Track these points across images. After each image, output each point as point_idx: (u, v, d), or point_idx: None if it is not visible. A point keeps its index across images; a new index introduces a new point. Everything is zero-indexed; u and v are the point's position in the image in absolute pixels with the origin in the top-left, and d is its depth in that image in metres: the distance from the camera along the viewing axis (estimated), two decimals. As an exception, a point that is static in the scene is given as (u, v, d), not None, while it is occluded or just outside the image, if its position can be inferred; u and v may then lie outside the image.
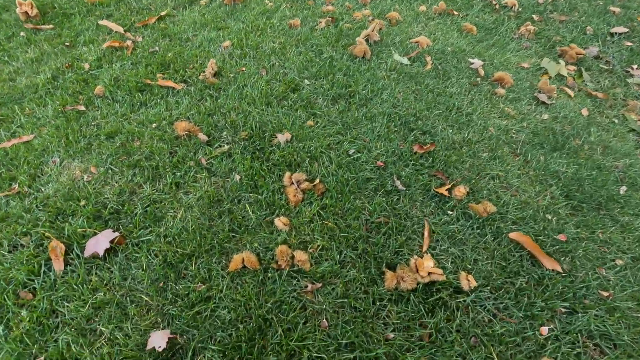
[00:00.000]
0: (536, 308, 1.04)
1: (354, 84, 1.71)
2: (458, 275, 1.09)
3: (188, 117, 1.55)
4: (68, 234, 1.16)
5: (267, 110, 1.58)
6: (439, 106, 1.64)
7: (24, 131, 1.52)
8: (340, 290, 1.05)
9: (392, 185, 1.32)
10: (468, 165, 1.41)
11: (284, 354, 0.93)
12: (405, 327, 1.00)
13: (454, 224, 1.22)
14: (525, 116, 1.66)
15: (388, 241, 1.17)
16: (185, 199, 1.27)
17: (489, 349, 0.97)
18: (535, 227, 1.23)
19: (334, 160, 1.39)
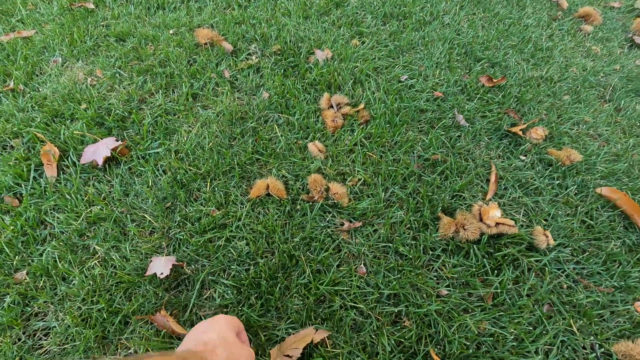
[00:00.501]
0: (632, 279, 0.82)
1: (410, 3, 1.42)
2: (532, 230, 0.87)
3: (212, 24, 1.31)
4: (64, 139, 0.98)
5: (305, 24, 1.33)
6: (512, 37, 1.35)
7: (24, 26, 1.32)
8: (384, 233, 0.85)
9: (453, 120, 1.08)
10: (546, 105, 1.14)
11: (311, 298, 0.75)
12: (464, 284, 0.80)
13: (528, 170, 0.99)
14: (616, 58, 1.35)
15: (445, 182, 0.95)
16: (202, 113, 1.06)
17: (568, 320, 0.76)
18: (630, 184, 0.99)
19: (382, 86, 1.15)
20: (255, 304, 0.74)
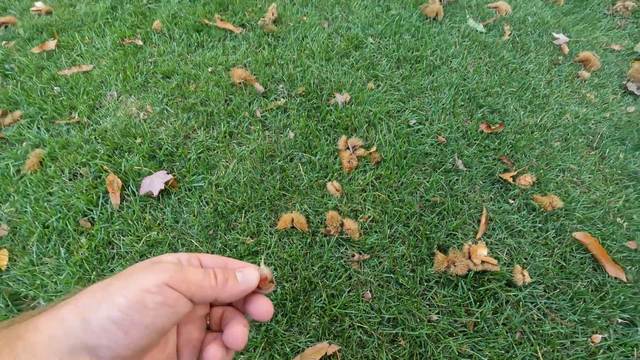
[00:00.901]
0: (592, 314, 0.98)
1: (422, 47, 1.58)
2: (512, 268, 1.04)
3: (245, 64, 1.49)
4: (124, 170, 1.18)
5: (327, 66, 1.50)
6: (513, 83, 1.50)
7: (84, 60, 1.52)
8: (387, 265, 1.03)
9: (453, 164, 1.24)
10: (537, 152, 1.30)
11: (326, 318, 0.94)
12: (451, 312, 0.98)
13: (515, 213, 1.15)
14: (608, 106, 1.49)
15: (442, 222, 1.12)
16: (238, 149, 1.25)
17: (535, 347, 0.93)
18: (603, 229, 1.14)
19: (392, 129, 1.31)
20: (281, 321, 0.94)
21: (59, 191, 1.14)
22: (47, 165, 1.20)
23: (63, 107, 1.35)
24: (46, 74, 1.46)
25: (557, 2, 1.96)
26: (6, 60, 1.52)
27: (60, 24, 1.67)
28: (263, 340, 0.91)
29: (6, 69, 1.49)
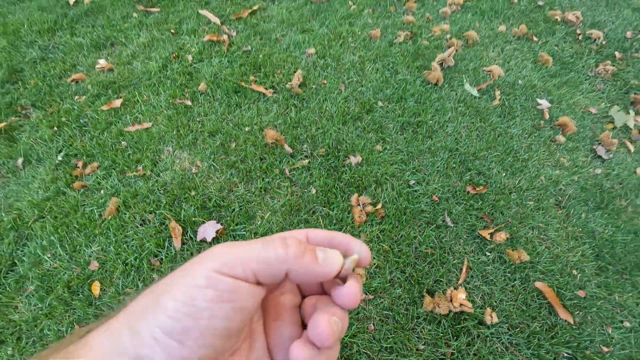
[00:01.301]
0: (543, 349, 1.28)
1: (423, 113, 1.88)
2: (484, 310, 1.34)
3: (275, 125, 1.81)
4: (183, 218, 1.51)
5: (343, 129, 1.81)
6: (498, 147, 1.80)
7: (144, 118, 1.86)
8: (387, 304, 1.35)
9: (443, 221, 1.55)
10: (513, 212, 1.60)
11: (340, 345, 1.25)
12: (434, 344, 1.29)
13: (490, 265, 1.45)
14: (578, 169, 1.78)
15: (431, 270, 1.43)
16: (271, 203, 1.57)
17: (497, 373, 1.24)
18: (560, 279, 1.44)
19: (395, 188, 1.62)
20: (306, 346, 1.25)
21: (134, 234, 1.47)
22: (122, 212, 1.54)
23: (130, 161, 1.69)
24: (114, 130, 1.79)
25: (546, 64, 2.25)
26: (80, 115, 1.86)
27: (122, 81, 2.01)
28: None
29: (82, 124, 1.83)
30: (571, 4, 2.64)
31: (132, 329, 0.23)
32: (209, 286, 0.23)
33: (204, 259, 0.25)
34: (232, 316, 0.24)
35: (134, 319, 0.24)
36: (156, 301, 0.24)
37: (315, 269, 0.26)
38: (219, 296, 0.23)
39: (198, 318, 0.23)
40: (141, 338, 0.23)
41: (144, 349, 0.22)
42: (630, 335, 1.35)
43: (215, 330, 0.23)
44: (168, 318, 0.23)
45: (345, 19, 2.39)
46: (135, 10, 2.38)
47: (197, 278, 0.23)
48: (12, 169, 1.68)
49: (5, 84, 2.01)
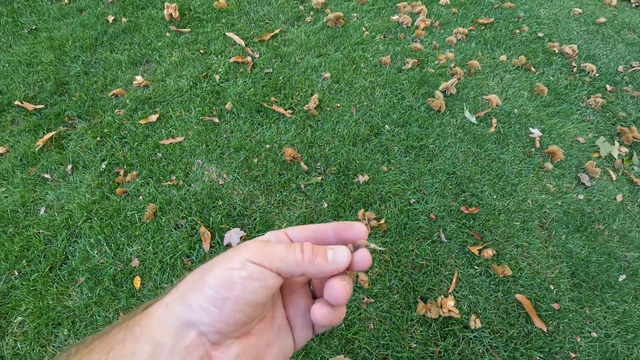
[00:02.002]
0: (518, 352, 1.49)
1: (426, 137, 2.10)
2: (469, 316, 1.55)
3: (293, 144, 2.04)
4: (212, 225, 1.74)
5: (353, 149, 2.03)
6: (491, 172, 2.01)
7: (176, 132, 2.09)
8: (385, 307, 1.56)
9: (438, 237, 1.76)
10: (501, 231, 1.81)
11: (343, 340, 1.48)
12: (424, 343, 1.50)
13: (477, 277, 1.67)
14: (562, 195, 1.98)
15: (425, 279, 1.65)
16: (287, 214, 1.79)
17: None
18: (538, 293, 1.65)
19: (397, 205, 1.84)
20: (315, 339, 1.48)
21: (169, 237, 1.71)
22: (159, 217, 1.77)
23: (165, 171, 1.92)
24: (151, 142, 2.03)
25: (541, 94, 2.45)
26: (120, 128, 2.10)
27: (156, 97, 2.25)
28: (302, 351, 1.45)
29: (122, 135, 2.07)
30: (569, 36, 2.84)
31: (183, 302, 0.30)
32: (243, 268, 0.30)
33: (239, 250, 0.31)
34: (258, 291, 0.30)
35: (184, 293, 0.30)
36: (201, 279, 0.30)
37: (326, 268, 0.33)
38: (249, 276, 0.30)
39: (233, 290, 0.29)
40: (190, 307, 0.29)
41: (193, 315, 0.29)
42: (596, 344, 1.55)
43: (246, 300, 0.30)
44: (210, 290, 0.29)
45: (358, 44, 2.61)
46: (168, 30, 2.62)
47: (234, 263, 0.30)
48: (62, 174, 1.92)
49: (53, 95, 2.26)
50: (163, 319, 0.30)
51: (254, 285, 0.30)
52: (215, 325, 0.29)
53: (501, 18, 2.92)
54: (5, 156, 1.98)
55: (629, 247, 1.85)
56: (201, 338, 0.30)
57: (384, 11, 2.88)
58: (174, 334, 0.29)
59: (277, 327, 0.35)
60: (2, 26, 2.60)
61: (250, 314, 0.31)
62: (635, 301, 1.67)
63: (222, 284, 0.29)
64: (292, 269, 0.32)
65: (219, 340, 0.30)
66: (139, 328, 0.30)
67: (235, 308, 0.29)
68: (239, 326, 0.31)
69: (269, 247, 0.32)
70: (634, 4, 3.14)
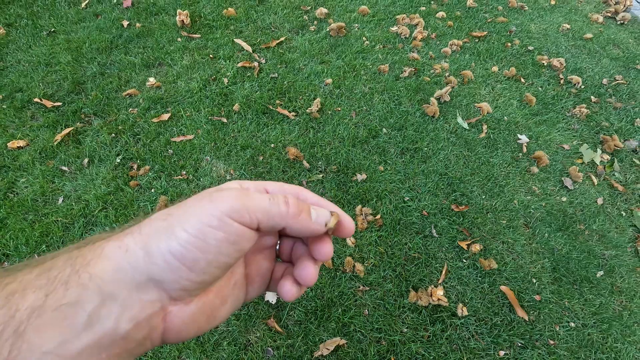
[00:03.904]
0: (501, 338, 1.62)
1: (420, 141, 2.24)
2: (457, 305, 1.68)
3: (296, 144, 2.18)
4: (219, 216, 1.86)
5: (352, 150, 2.17)
6: (481, 174, 2.15)
7: (187, 130, 2.23)
8: (380, 295, 1.69)
9: (429, 232, 1.89)
10: (488, 228, 1.94)
11: (340, 324, 1.60)
12: (415, 328, 1.62)
13: (465, 270, 1.79)
14: (547, 196, 2.12)
15: (417, 271, 1.77)
16: (290, 208, 1.92)
17: (463, 355, 1.57)
18: (521, 285, 1.77)
19: (392, 203, 1.97)
20: (313, 322, 1.60)
21: (179, 227, 1.83)
22: (170, 208, 1.89)
23: (176, 166, 2.05)
24: (163, 139, 2.16)
25: (529, 104, 2.60)
26: (134, 125, 2.24)
27: (168, 98, 2.39)
28: (302, 333, 1.57)
29: (135, 132, 2.21)
30: (557, 50, 3.01)
31: (146, 249, 0.27)
32: (220, 228, 0.27)
33: (216, 200, 0.28)
34: (232, 254, 0.29)
35: (148, 240, 0.27)
36: (170, 228, 0.27)
37: (309, 226, 0.31)
38: (227, 239, 0.27)
39: (206, 252, 0.27)
40: (154, 259, 0.26)
41: (156, 269, 0.26)
42: (573, 333, 1.68)
43: (218, 264, 0.28)
44: (180, 246, 0.26)
45: (359, 53, 2.77)
46: (180, 35, 2.77)
47: (210, 218, 0.27)
48: (79, 166, 2.05)
49: (71, 94, 2.39)
50: (120, 267, 0.26)
51: (230, 248, 0.28)
52: (180, 283, 0.27)
53: (494, 32, 3.09)
54: (26, 149, 2.10)
55: (607, 246, 1.99)
56: (161, 294, 0.28)
57: (383, 22, 3.05)
58: (130, 287, 0.26)
59: (233, 283, 0.34)
60: (22, 28, 2.74)
61: (218, 275, 0.30)
62: (611, 295, 1.81)
63: (195, 242, 0.27)
64: (274, 222, 0.30)
65: (181, 296, 0.29)
66: (87, 275, 0.26)
67: (205, 270, 0.28)
68: (206, 285, 0.29)
69: (250, 197, 0.29)
70: (619, 21, 3.33)
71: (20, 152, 2.08)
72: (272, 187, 0.35)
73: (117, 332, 0.26)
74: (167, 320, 0.29)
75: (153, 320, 0.28)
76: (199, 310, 0.30)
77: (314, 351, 1.53)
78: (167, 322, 0.29)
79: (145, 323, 0.27)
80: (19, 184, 1.96)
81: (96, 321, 0.25)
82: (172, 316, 0.29)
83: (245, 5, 3.03)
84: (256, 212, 0.29)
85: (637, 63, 2.97)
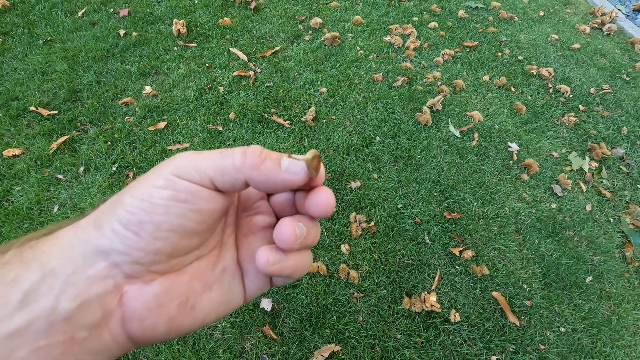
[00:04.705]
0: (493, 344, 1.64)
1: (413, 149, 2.28)
2: (450, 310, 1.70)
3: (291, 152, 2.21)
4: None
5: (347, 158, 2.20)
6: (472, 181, 2.19)
7: (183, 139, 2.25)
8: (374, 301, 1.71)
9: (422, 239, 1.93)
10: (480, 235, 1.98)
11: (335, 330, 1.61)
12: (408, 334, 1.64)
13: (457, 276, 1.82)
14: (537, 203, 2.17)
15: (410, 277, 1.80)
16: (285, 216, 1.94)
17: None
18: (512, 291, 1.81)
19: (386, 210, 2.01)
20: (308, 329, 1.61)
21: (175, 234, 1.84)
22: (165, 216, 1.91)
23: (172, 174, 2.07)
24: (159, 147, 2.18)
25: (519, 112, 2.66)
26: (130, 133, 2.26)
27: (164, 106, 2.41)
28: (297, 340, 1.59)
29: (131, 140, 2.22)
30: (546, 60, 3.08)
31: (96, 224, 0.25)
32: (166, 187, 0.25)
33: (164, 164, 0.26)
34: (188, 215, 0.25)
35: (99, 215, 0.26)
36: (118, 199, 0.26)
37: (277, 176, 0.26)
38: (175, 196, 0.25)
39: (153, 213, 0.24)
40: (103, 231, 0.24)
41: (104, 241, 0.24)
42: (563, 338, 1.71)
43: (171, 226, 0.25)
44: (125, 212, 0.24)
45: (353, 62, 2.82)
46: (176, 44, 2.81)
47: (156, 179, 0.25)
48: (75, 175, 2.06)
49: (67, 102, 2.40)
50: (68, 243, 0.25)
51: (182, 208, 0.25)
52: (130, 254, 0.24)
53: (485, 42, 3.16)
54: (21, 157, 2.11)
55: (595, 251, 2.03)
56: (112, 269, 0.25)
57: (377, 32, 3.10)
58: (76, 262, 0.24)
59: (221, 269, 0.30)
60: (18, 36, 2.76)
61: (179, 243, 0.26)
62: (600, 300, 1.84)
63: (140, 204, 0.24)
64: (229, 176, 0.26)
65: (137, 272, 0.25)
66: (31, 251, 0.24)
67: (156, 235, 0.25)
68: (164, 257, 0.26)
69: (199, 155, 0.26)
70: (605, 32, 3.42)
71: (15, 161, 2.08)
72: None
73: (56, 311, 0.22)
74: (125, 303, 0.25)
75: (106, 301, 0.24)
76: (165, 292, 0.26)
77: (309, 358, 1.54)
78: (125, 305, 0.25)
79: (95, 303, 0.24)
80: (14, 192, 1.96)
81: (33, 299, 0.22)
82: (129, 298, 0.25)
83: (240, 15, 3.08)
84: (206, 168, 0.26)
85: (623, 73, 3.06)
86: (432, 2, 3.48)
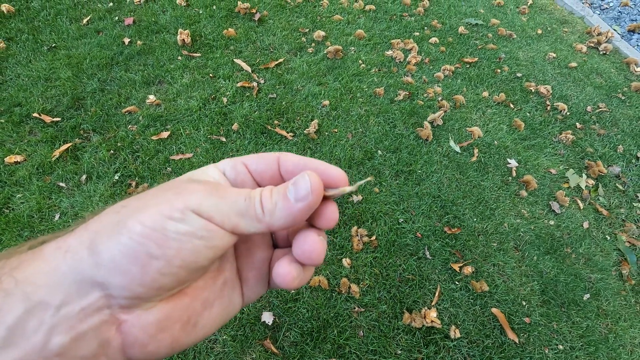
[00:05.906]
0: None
1: (414, 163, 2.31)
2: (450, 327, 1.71)
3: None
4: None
5: (348, 172, 2.22)
6: (472, 197, 2.22)
7: (186, 149, 2.26)
8: (374, 316, 1.72)
9: (423, 254, 1.94)
10: (479, 251, 2.00)
11: (335, 345, 1.62)
12: (409, 350, 1.65)
13: (457, 292, 1.84)
14: (535, 220, 2.20)
15: (411, 292, 1.81)
16: (287, 228, 1.95)
17: (456, 376, 1.60)
18: (512, 307, 1.82)
19: (387, 224, 2.02)
20: (309, 343, 1.61)
21: (176, 245, 1.84)
22: (167, 226, 1.91)
23: (174, 184, 2.07)
24: (161, 157, 2.19)
25: (518, 129, 2.71)
26: (133, 142, 2.26)
27: (168, 115, 2.42)
28: (297, 354, 1.59)
29: (134, 149, 2.23)
30: (544, 77, 3.14)
31: (92, 249, 0.22)
32: (184, 221, 0.22)
33: (181, 193, 0.24)
34: (202, 252, 0.23)
35: (95, 237, 0.22)
36: (122, 222, 0.22)
37: (293, 213, 0.25)
38: (192, 233, 0.22)
39: (165, 247, 0.22)
40: (100, 259, 0.21)
41: (102, 272, 0.21)
42: (562, 356, 1.73)
43: (182, 262, 0.23)
44: (131, 240, 0.21)
45: (355, 75, 2.86)
46: (180, 54, 2.83)
47: (173, 211, 0.22)
48: (77, 183, 2.06)
49: (70, 109, 2.41)
50: (56, 268, 0.22)
51: (197, 244, 0.23)
52: (131, 290, 0.22)
53: (484, 58, 3.22)
54: (23, 164, 2.10)
55: (593, 269, 2.06)
56: (107, 300, 0.22)
57: (379, 46, 3.15)
58: (67, 291, 0.21)
59: (221, 283, 0.28)
60: (22, 43, 2.77)
61: (184, 277, 0.24)
62: (597, 318, 1.86)
63: (151, 236, 0.22)
64: (253, 226, 0.25)
65: (134, 304, 0.23)
66: (12, 279, 0.21)
67: (164, 271, 0.22)
68: (165, 291, 0.23)
69: (223, 194, 0.25)
70: (602, 51, 3.50)
71: (17, 167, 2.08)
72: (250, 160, 0.30)
73: (48, 347, 0.20)
74: (125, 332, 0.23)
75: (102, 332, 0.22)
76: (166, 318, 0.24)
77: (309, 373, 1.54)
78: (125, 333, 0.23)
79: (90, 335, 0.22)
80: (15, 199, 1.96)
81: (20, 336, 0.20)
82: (129, 326, 0.23)
83: (245, 26, 3.11)
84: (230, 215, 0.24)
85: (619, 92, 3.12)
86: (433, 18, 3.54)
